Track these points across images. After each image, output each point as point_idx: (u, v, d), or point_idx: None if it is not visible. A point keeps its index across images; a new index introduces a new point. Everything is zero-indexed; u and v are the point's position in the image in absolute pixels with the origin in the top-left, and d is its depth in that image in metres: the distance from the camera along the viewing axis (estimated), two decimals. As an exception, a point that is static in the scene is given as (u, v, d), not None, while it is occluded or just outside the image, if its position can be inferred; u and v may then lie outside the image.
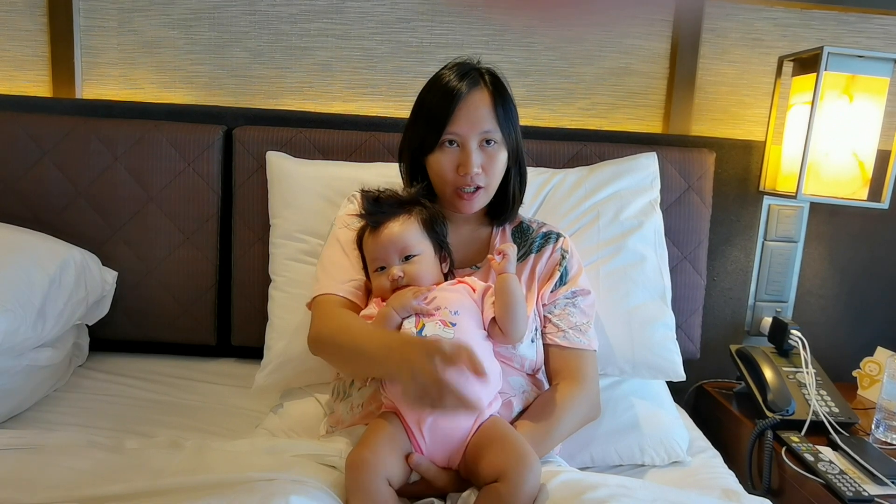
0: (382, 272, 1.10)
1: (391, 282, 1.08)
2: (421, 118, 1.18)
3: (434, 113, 1.15)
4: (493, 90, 1.17)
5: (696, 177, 1.64)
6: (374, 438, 0.98)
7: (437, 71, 1.20)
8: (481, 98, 1.15)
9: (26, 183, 1.58)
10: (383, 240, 1.09)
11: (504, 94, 1.18)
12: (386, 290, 1.10)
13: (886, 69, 1.56)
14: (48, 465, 0.97)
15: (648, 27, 1.77)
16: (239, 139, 1.60)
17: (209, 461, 0.99)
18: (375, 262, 1.11)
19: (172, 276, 1.61)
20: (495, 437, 0.99)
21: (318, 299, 1.16)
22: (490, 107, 1.15)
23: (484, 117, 1.15)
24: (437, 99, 1.15)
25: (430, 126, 1.15)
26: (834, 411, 1.44)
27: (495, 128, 1.16)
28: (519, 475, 0.93)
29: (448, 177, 1.16)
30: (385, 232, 1.10)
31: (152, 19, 1.72)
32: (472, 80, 1.15)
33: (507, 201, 1.24)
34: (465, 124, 1.14)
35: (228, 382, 1.57)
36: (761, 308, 1.80)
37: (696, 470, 1.32)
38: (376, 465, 0.93)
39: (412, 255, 1.10)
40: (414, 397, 0.94)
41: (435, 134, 1.14)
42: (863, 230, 1.80)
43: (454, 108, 1.13)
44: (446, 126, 1.13)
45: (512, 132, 1.19)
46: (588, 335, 1.21)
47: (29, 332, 1.30)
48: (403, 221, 1.11)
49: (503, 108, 1.17)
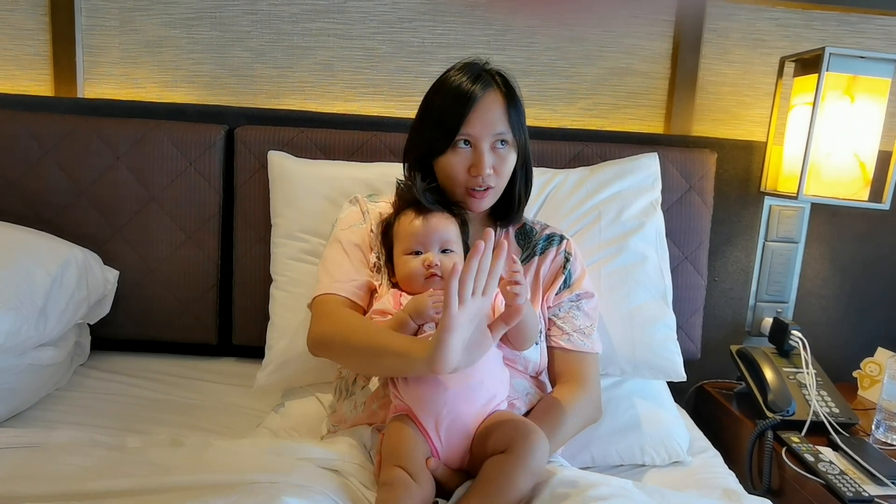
0: (416, 256, 1.10)
1: (426, 267, 1.08)
2: (430, 120, 1.18)
3: (446, 115, 1.14)
4: (506, 92, 1.17)
5: (697, 177, 1.65)
6: (407, 454, 0.95)
7: (444, 73, 1.19)
8: (495, 100, 1.15)
9: (28, 182, 1.58)
10: (433, 225, 1.10)
11: (515, 96, 1.18)
12: (413, 274, 1.09)
13: (888, 70, 1.56)
14: (50, 462, 0.97)
15: (650, 27, 1.77)
16: (240, 139, 1.60)
17: (211, 460, 0.99)
18: (413, 246, 1.10)
19: (174, 276, 1.61)
20: (503, 419, 0.99)
21: (319, 299, 1.16)
22: (503, 108, 1.16)
23: (497, 119, 1.15)
24: (448, 101, 1.15)
25: (441, 128, 1.15)
26: (834, 412, 1.44)
27: (507, 129, 1.16)
28: (525, 448, 0.92)
29: (460, 178, 1.16)
30: (435, 220, 1.11)
31: (154, 18, 1.72)
32: (486, 82, 1.15)
33: (513, 203, 1.24)
34: (479, 126, 1.14)
35: (229, 381, 1.58)
36: (762, 308, 1.80)
37: (697, 470, 1.32)
38: (419, 491, 0.92)
39: (449, 250, 1.11)
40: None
41: (447, 136, 1.14)
42: (864, 231, 1.80)
43: (469, 110, 1.13)
44: (460, 128, 1.13)
45: (521, 134, 1.19)
46: (592, 338, 1.21)
47: (31, 331, 1.30)
48: (449, 217, 1.14)
49: (515, 109, 1.17)
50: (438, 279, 1.09)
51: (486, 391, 1.02)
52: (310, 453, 1.01)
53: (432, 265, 1.08)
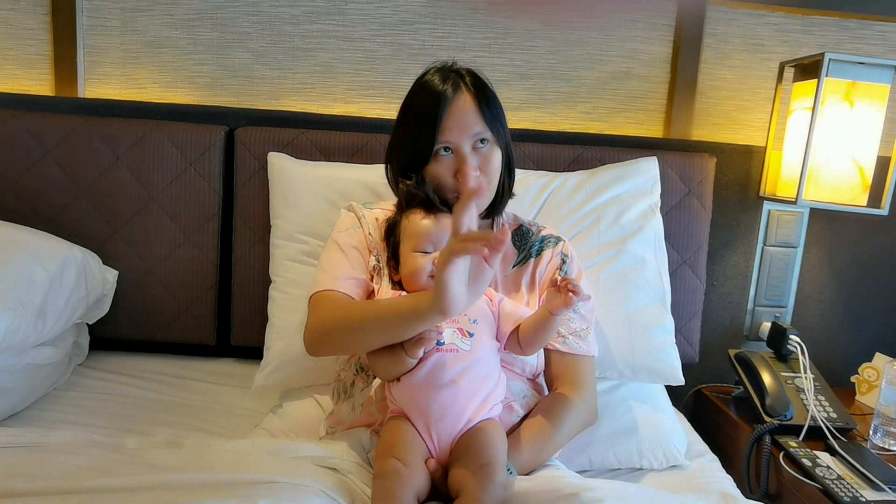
0: (425, 255, 1.08)
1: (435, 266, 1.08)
2: (408, 130, 1.18)
3: (421, 127, 1.14)
4: (476, 91, 1.16)
5: (696, 181, 1.65)
6: (402, 447, 0.96)
7: (417, 78, 1.19)
8: (465, 101, 1.14)
9: (28, 181, 1.58)
10: (444, 225, 1.08)
11: (487, 92, 1.17)
12: (419, 271, 1.07)
13: (887, 76, 1.57)
14: (48, 461, 0.97)
15: (650, 31, 1.77)
16: (240, 140, 1.60)
17: (209, 460, 0.99)
18: (423, 244, 1.09)
19: (173, 276, 1.61)
20: (474, 447, 0.97)
21: (316, 296, 1.14)
22: (476, 108, 1.15)
23: (472, 120, 1.14)
24: (420, 114, 1.14)
25: (419, 141, 1.14)
26: (832, 416, 1.45)
27: (484, 128, 1.15)
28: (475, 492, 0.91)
29: (449, 184, 1.15)
30: (446, 220, 1.09)
31: (155, 19, 1.72)
32: (454, 84, 1.15)
33: (498, 194, 1.23)
34: (455, 131, 1.13)
35: (228, 382, 1.58)
36: (760, 313, 1.80)
37: (694, 474, 1.32)
38: (411, 478, 0.92)
39: None
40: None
41: (427, 147, 1.14)
42: (862, 236, 1.80)
43: (441, 118, 1.12)
44: (436, 138, 1.13)
45: (501, 129, 1.18)
46: (588, 341, 1.21)
47: (29, 331, 1.30)
48: None
49: (488, 106, 1.16)
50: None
51: (480, 394, 1.01)
52: (307, 452, 1.01)
53: None
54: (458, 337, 1.02)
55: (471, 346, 1.02)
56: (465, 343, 1.02)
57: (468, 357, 1.02)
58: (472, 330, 1.04)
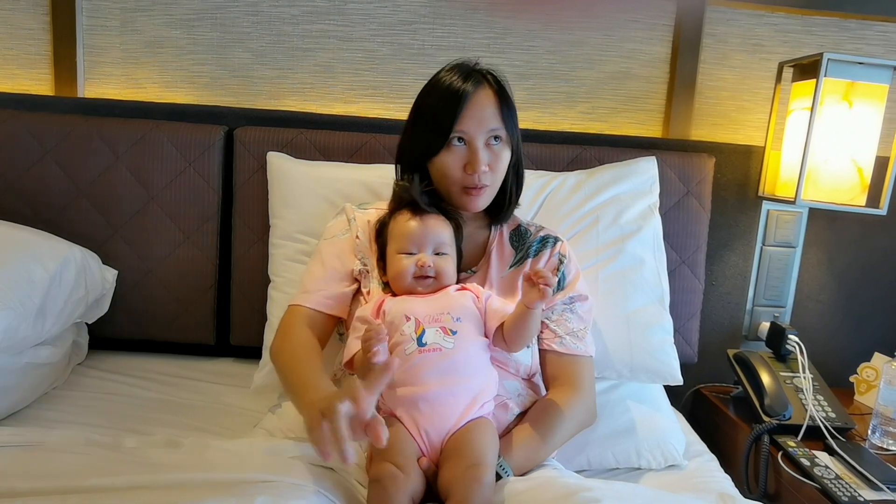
0: (410, 256, 1.11)
1: (419, 268, 1.10)
2: (423, 122, 1.19)
3: (439, 114, 1.15)
4: (498, 89, 1.18)
5: (695, 181, 1.65)
6: (394, 450, 0.96)
7: (435, 74, 1.20)
8: (487, 96, 1.16)
9: (27, 181, 1.58)
10: (429, 227, 1.12)
11: (507, 93, 1.19)
12: (404, 273, 1.10)
13: (886, 76, 1.57)
14: (47, 460, 0.97)
15: (649, 32, 1.77)
16: (240, 139, 1.61)
17: (208, 459, 1.00)
18: (407, 246, 1.11)
19: (172, 276, 1.61)
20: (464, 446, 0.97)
21: (287, 310, 1.19)
22: (496, 105, 1.16)
23: (490, 116, 1.15)
24: (440, 101, 1.16)
25: (435, 128, 1.15)
26: (831, 416, 1.45)
27: (501, 126, 1.16)
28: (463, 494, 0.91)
29: (456, 176, 1.16)
30: (431, 221, 1.13)
31: (155, 19, 1.72)
32: (476, 80, 1.16)
33: (505, 201, 1.24)
34: (473, 123, 1.14)
35: (227, 382, 1.58)
36: (759, 313, 1.80)
37: (693, 474, 1.32)
38: (406, 482, 0.93)
39: (443, 253, 1.13)
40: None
41: (442, 135, 1.15)
42: (861, 236, 1.80)
43: (461, 108, 1.13)
44: (453, 126, 1.14)
45: (514, 131, 1.20)
46: (585, 341, 1.21)
47: (29, 330, 1.30)
48: (444, 220, 1.15)
49: (507, 106, 1.18)
50: (432, 280, 1.11)
51: (468, 392, 1.02)
52: (306, 452, 1.02)
53: (425, 266, 1.10)
54: (440, 336, 1.03)
55: (454, 344, 1.03)
56: (448, 341, 1.03)
57: (452, 355, 1.02)
58: (455, 328, 1.05)
